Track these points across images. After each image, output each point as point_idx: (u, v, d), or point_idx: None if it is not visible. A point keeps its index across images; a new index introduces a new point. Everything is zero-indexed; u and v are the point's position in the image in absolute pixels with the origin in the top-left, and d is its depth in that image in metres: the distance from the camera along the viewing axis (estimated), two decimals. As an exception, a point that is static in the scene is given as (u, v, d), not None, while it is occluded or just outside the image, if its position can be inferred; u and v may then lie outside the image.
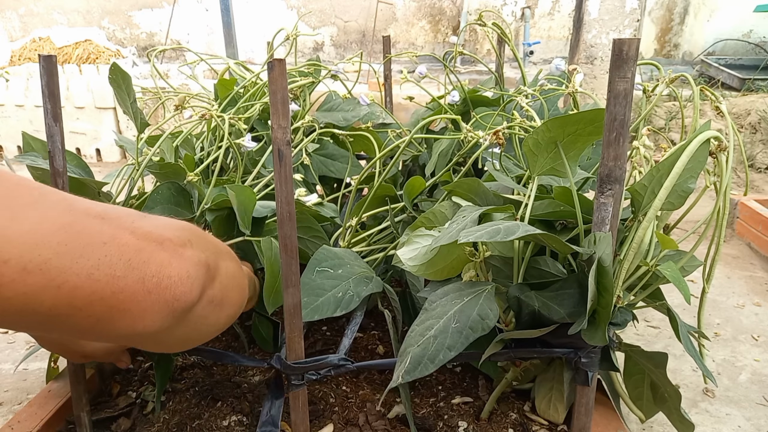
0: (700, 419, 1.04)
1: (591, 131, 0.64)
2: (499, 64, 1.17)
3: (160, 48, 1.14)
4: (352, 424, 0.86)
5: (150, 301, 0.37)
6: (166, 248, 0.39)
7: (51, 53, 0.61)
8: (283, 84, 0.54)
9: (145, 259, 0.37)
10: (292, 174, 0.59)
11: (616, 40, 0.55)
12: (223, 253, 0.50)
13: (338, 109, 1.15)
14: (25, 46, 4.14)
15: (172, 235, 0.41)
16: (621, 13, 2.82)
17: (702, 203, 0.76)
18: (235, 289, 0.51)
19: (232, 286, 0.49)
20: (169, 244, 0.39)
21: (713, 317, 1.41)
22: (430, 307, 0.68)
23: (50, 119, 0.61)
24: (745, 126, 2.98)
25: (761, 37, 4.56)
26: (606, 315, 0.62)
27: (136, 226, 0.38)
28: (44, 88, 0.60)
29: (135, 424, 0.86)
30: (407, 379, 0.63)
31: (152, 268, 0.37)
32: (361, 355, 1.03)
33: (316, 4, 4.91)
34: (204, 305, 0.43)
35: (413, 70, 1.04)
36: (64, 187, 0.64)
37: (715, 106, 0.74)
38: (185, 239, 0.42)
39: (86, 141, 3.06)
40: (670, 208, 0.68)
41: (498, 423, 0.87)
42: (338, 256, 0.83)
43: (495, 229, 0.60)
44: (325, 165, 1.12)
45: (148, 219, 0.41)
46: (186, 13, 4.87)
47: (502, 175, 0.81)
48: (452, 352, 0.63)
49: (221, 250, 0.50)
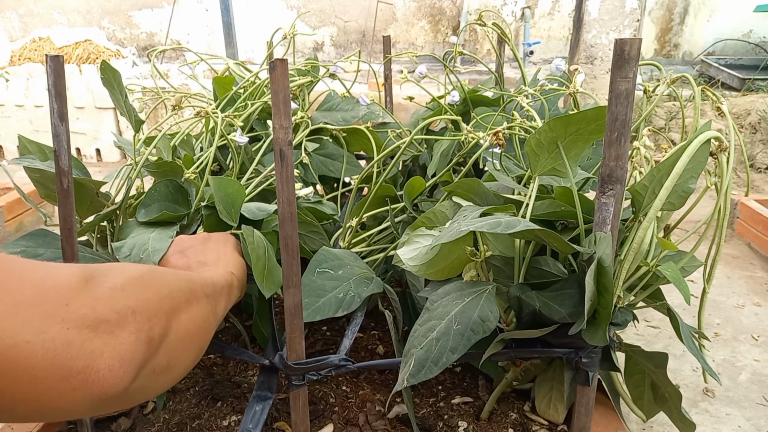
0: (700, 419, 1.04)
1: (592, 130, 0.64)
2: (499, 64, 1.17)
3: (160, 48, 1.14)
4: (352, 424, 0.86)
5: (76, 397, 0.35)
6: (100, 333, 0.36)
7: (51, 53, 0.61)
8: (285, 84, 0.54)
9: (73, 355, 0.35)
10: (294, 174, 0.59)
11: (618, 40, 0.55)
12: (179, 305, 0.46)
13: (337, 109, 1.14)
14: (25, 46, 4.14)
15: (111, 309, 0.38)
16: (621, 13, 2.82)
17: (702, 203, 0.76)
18: (191, 342, 0.48)
19: (186, 342, 0.46)
20: (105, 326, 0.37)
21: (713, 317, 1.41)
22: (432, 307, 0.68)
23: (56, 119, 0.61)
24: (745, 126, 2.98)
25: (761, 37, 4.56)
26: (606, 315, 0.62)
27: (71, 309, 0.35)
28: (51, 87, 0.60)
29: (135, 424, 0.86)
30: (412, 382, 0.63)
31: (80, 363, 0.35)
32: (361, 355, 1.03)
33: (316, 4, 4.91)
34: (143, 379, 0.40)
35: (413, 70, 1.04)
36: (69, 186, 0.64)
37: (716, 107, 0.74)
38: (126, 311, 0.39)
39: (86, 141, 3.06)
40: (671, 208, 0.68)
41: (498, 423, 0.87)
42: (338, 257, 0.83)
43: (496, 222, 0.60)
44: (325, 165, 1.12)
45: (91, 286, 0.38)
46: (186, 13, 4.87)
47: (502, 175, 0.81)
48: (455, 354, 0.63)
49: (177, 303, 0.46)
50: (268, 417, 0.87)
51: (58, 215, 0.65)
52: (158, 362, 0.42)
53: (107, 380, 0.36)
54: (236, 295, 0.66)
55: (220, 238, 0.73)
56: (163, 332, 0.42)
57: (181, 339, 0.45)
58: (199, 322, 0.50)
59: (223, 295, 0.60)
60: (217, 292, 0.58)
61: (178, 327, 0.45)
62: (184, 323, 0.46)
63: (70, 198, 0.65)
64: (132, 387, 0.39)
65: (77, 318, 0.36)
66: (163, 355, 0.42)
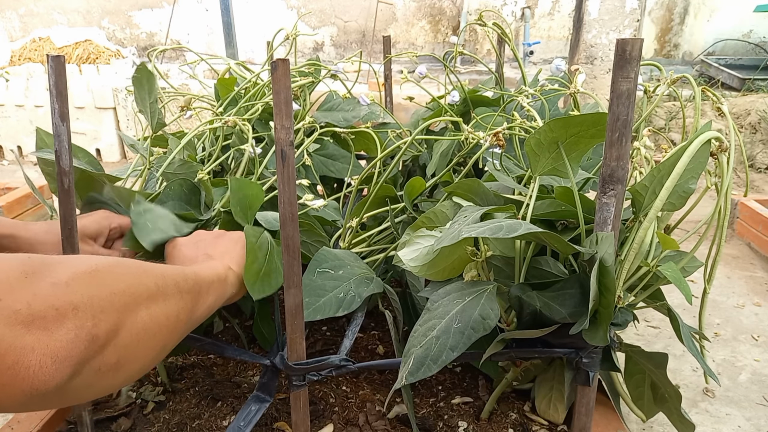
0: (700, 419, 1.04)
1: (593, 134, 0.64)
2: (499, 64, 1.17)
3: (160, 48, 1.14)
4: (352, 424, 0.86)
5: (4, 393, 0.35)
6: (33, 330, 0.36)
7: (51, 53, 0.61)
8: (286, 84, 0.54)
9: (2, 351, 0.34)
10: (296, 175, 0.59)
11: (620, 41, 0.55)
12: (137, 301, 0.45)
13: (338, 109, 1.15)
14: (25, 46, 4.14)
15: (50, 306, 0.37)
16: (621, 13, 2.82)
17: (703, 203, 0.76)
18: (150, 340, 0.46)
19: (142, 340, 0.45)
20: (39, 323, 0.36)
21: (713, 317, 1.41)
22: (432, 306, 0.68)
23: (57, 119, 0.61)
24: (745, 126, 2.98)
25: (761, 37, 4.56)
26: (608, 315, 0.62)
27: (4, 304, 0.35)
28: (52, 87, 0.60)
29: (135, 424, 0.86)
30: (411, 380, 0.63)
31: (8, 359, 0.35)
32: (361, 355, 1.03)
33: (316, 4, 4.91)
34: (85, 377, 0.40)
35: (413, 70, 1.04)
36: (70, 186, 0.64)
37: (716, 107, 0.74)
38: (67, 307, 0.38)
39: (86, 141, 3.06)
40: (671, 208, 0.68)
41: (498, 423, 0.87)
42: (338, 257, 0.83)
43: (497, 226, 0.60)
44: (326, 165, 1.12)
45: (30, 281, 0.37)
46: (186, 13, 4.86)
47: (502, 175, 0.81)
48: (455, 352, 0.63)
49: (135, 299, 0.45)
50: (269, 417, 0.87)
51: (59, 215, 0.65)
52: (105, 360, 0.41)
53: (37, 377, 0.36)
54: (231, 291, 0.64)
55: (233, 236, 0.72)
56: (112, 329, 0.41)
57: (136, 336, 0.44)
58: (162, 320, 0.48)
59: (211, 291, 0.59)
60: (201, 287, 0.56)
61: (134, 324, 0.44)
62: (141, 320, 0.45)
63: (71, 198, 0.65)
64: (72, 384, 0.39)
65: (10, 314, 0.35)
66: (111, 353, 0.41)
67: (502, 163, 0.86)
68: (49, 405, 0.39)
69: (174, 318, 0.50)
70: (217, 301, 0.60)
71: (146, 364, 0.48)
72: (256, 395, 0.72)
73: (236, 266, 0.67)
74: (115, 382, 0.44)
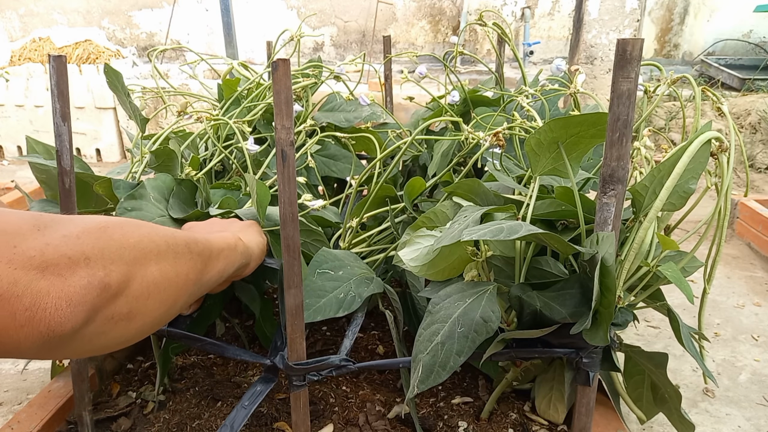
0: (700, 419, 1.04)
1: (594, 134, 0.64)
2: (499, 64, 1.17)
3: (160, 48, 1.14)
4: (352, 424, 0.86)
5: (23, 334, 0.36)
6: (47, 275, 0.37)
7: (51, 53, 0.61)
8: (287, 84, 0.54)
9: (19, 293, 0.36)
10: (296, 175, 0.59)
11: (620, 41, 0.55)
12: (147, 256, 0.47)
13: (340, 110, 1.15)
14: (25, 46, 4.13)
15: (62, 254, 0.39)
16: (621, 13, 2.82)
17: (703, 203, 0.76)
18: (160, 294, 0.48)
19: (153, 294, 0.47)
20: (53, 269, 0.38)
21: (713, 317, 1.41)
22: (434, 309, 0.68)
23: (59, 119, 0.62)
24: (745, 126, 2.98)
25: (761, 37, 4.56)
26: (608, 315, 0.62)
27: (19, 251, 0.37)
28: (53, 87, 0.61)
29: (135, 424, 0.86)
30: (422, 389, 0.64)
31: (26, 301, 0.36)
32: (361, 355, 1.03)
33: (316, 4, 4.91)
34: (99, 324, 0.41)
35: (413, 70, 1.04)
36: (71, 186, 0.64)
37: (716, 107, 0.74)
38: (79, 257, 0.40)
39: (86, 141, 3.06)
40: (671, 208, 0.68)
41: (498, 423, 0.87)
42: (338, 258, 0.83)
43: (498, 228, 0.60)
44: (327, 165, 1.12)
45: (43, 233, 0.39)
46: (186, 13, 4.86)
47: (502, 175, 0.81)
48: (461, 357, 0.64)
49: (145, 254, 0.46)
50: (268, 417, 0.87)
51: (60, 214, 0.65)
52: (117, 309, 0.43)
53: (54, 318, 0.37)
54: (241, 260, 0.66)
55: (247, 221, 0.75)
56: (123, 280, 0.43)
57: (146, 289, 0.46)
58: (172, 276, 0.50)
59: (221, 257, 0.60)
60: (212, 252, 0.58)
61: (144, 277, 0.46)
62: (152, 274, 0.47)
63: (72, 197, 0.65)
64: (86, 330, 0.40)
65: (24, 260, 0.37)
66: (123, 303, 0.43)
67: (502, 163, 0.86)
68: (65, 352, 0.41)
69: (184, 276, 0.52)
70: (227, 268, 0.62)
71: (157, 319, 0.49)
72: (264, 377, 0.73)
73: (246, 239, 0.68)
74: (127, 334, 0.46)
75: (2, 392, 1.09)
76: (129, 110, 0.87)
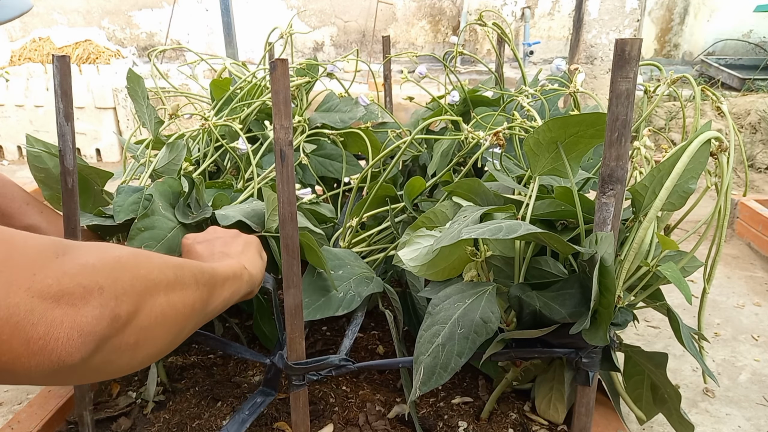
0: (700, 419, 1.04)
1: (593, 134, 0.64)
2: (499, 64, 1.17)
3: (160, 48, 1.14)
4: (352, 424, 0.86)
5: (34, 362, 0.37)
6: (62, 305, 0.38)
7: (53, 53, 0.61)
8: (285, 84, 0.54)
9: (35, 321, 0.37)
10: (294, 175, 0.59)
11: (619, 41, 0.55)
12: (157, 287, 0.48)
13: (336, 110, 1.14)
14: (25, 46, 4.13)
15: (77, 283, 0.40)
16: (621, 13, 2.82)
17: (702, 203, 0.76)
18: (166, 325, 0.49)
19: (160, 325, 0.48)
20: (68, 299, 0.39)
21: (713, 317, 1.41)
22: (434, 311, 0.69)
23: (62, 118, 0.62)
24: (745, 126, 2.98)
25: (761, 37, 4.56)
26: (608, 315, 0.62)
27: (37, 279, 0.38)
28: (57, 87, 0.61)
29: (135, 424, 0.86)
30: (424, 390, 0.64)
31: (40, 330, 0.37)
32: (361, 355, 1.03)
33: (316, 4, 4.91)
34: (106, 353, 0.42)
35: (413, 70, 1.04)
36: (74, 186, 0.64)
37: (716, 107, 0.74)
38: (93, 287, 0.41)
39: (86, 141, 3.06)
40: (671, 208, 0.68)
41: (498, 423, 0.87)
42: (339, 257, 0.83)
43: (497, 227, 0.60)
44: (324, 165, 1.12)
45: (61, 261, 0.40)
46: (186, 13, 4.86)
47: (502, 175, 0.81)
48: (462, 358, 0.64)
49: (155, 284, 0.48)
50: (269, 417, 0.87)
51: (63, 214, 0.65)
52: (125, 339, 0.44)
53: (65, 349, 0.38)
54: (245, 288, 0.67)
55: (248, 238, 0.75)
56: (133, 310, 0.44)
57: (154, 320, 0.47)
58: (180, 307, 0.51)
59: (226, 286, 0.62)
60: (217, 282, 0.59)
61: (153, 308, 0.47)
62: (160, 305, 0.48)
63: (74, 197, 0.65)
64: (93, 360, 0.41)
65: (41, 288, 0.38)
66: (130, 333, 0.44)
67: (502, 163, 0.86)
68: (71, 379, 0.42)
69: (190, 306, 0.53)
70: (232, 297, 0.63)
71: (162, 348, 0.51)
72: (262, 390, 0.74)
73: (250, 266, 0.70)
74: (132, 362, 0.47)
75: (2, 392, 1.09)
76: (144, 116, 0.88)
